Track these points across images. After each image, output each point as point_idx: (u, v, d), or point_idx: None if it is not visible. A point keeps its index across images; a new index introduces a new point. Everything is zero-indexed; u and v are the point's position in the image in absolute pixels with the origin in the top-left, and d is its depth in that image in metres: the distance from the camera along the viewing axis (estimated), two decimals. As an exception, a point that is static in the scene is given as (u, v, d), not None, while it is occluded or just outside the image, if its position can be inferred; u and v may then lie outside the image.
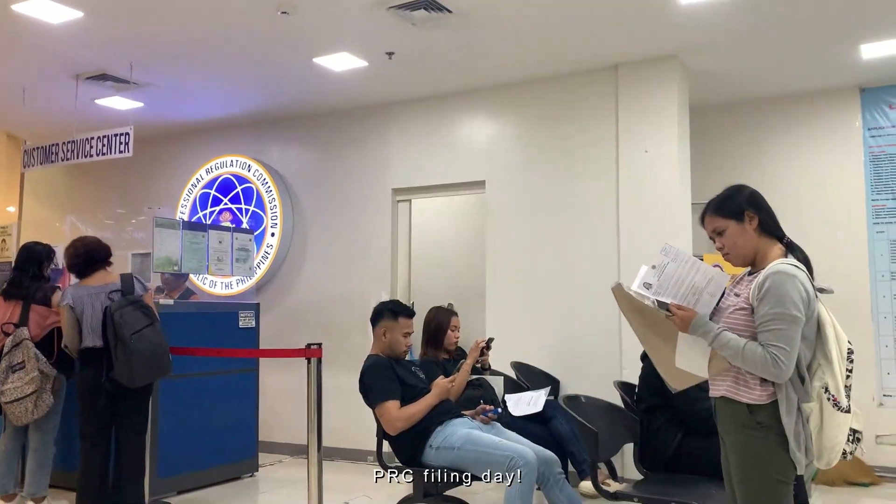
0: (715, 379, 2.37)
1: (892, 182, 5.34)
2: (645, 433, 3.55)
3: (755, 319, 2.25)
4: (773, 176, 5.68)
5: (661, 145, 4.99)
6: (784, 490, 2.26)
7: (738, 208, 2.38)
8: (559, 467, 3.51)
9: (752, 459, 2.26)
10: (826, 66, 5.14)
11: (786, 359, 2.17)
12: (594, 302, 5.10)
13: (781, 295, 2.20)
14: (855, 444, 2.30)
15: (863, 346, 5.26)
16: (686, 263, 2.36)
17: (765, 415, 2.23)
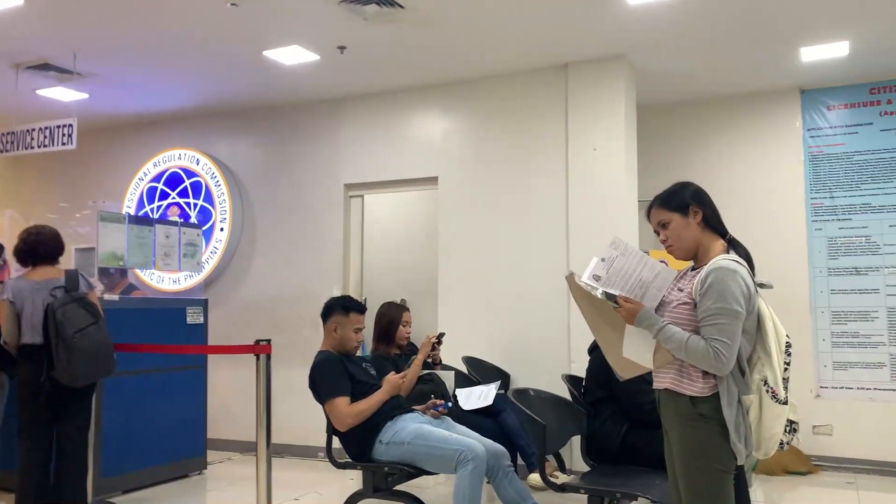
0: (659, 372, 2.43)
1: (830, 181, 5.53)
2: (591, 426, 3.62)
3: (698, 314, 2.31)
4: (717, 174, 5.83)
5: (609, 143, 5.08)
6: (725, 479, 2.33)
7: (684, 202, 2.45)
8: (508, 460, 3.56)
9: (695, 450, 2.32)
10: (768, 68, 5.29)
11: (727, 352, 2.24)
12: (544, 297, 5.17)
13: (723, 290, 2.26)
14: (791, 434, 2.38)
15: (801, 339, 5.47)
16: (634, 258, 2.42)
17: (707, 407, 2.30)
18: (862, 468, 5.22)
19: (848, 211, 5.46)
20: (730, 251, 2.41)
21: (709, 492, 2.32)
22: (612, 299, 2.45)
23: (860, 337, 5.36)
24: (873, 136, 5.41)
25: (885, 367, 5.27)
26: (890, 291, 5.29)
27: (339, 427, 3.50)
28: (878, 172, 5.39)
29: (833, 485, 4.94)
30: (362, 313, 3.78)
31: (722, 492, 2.32)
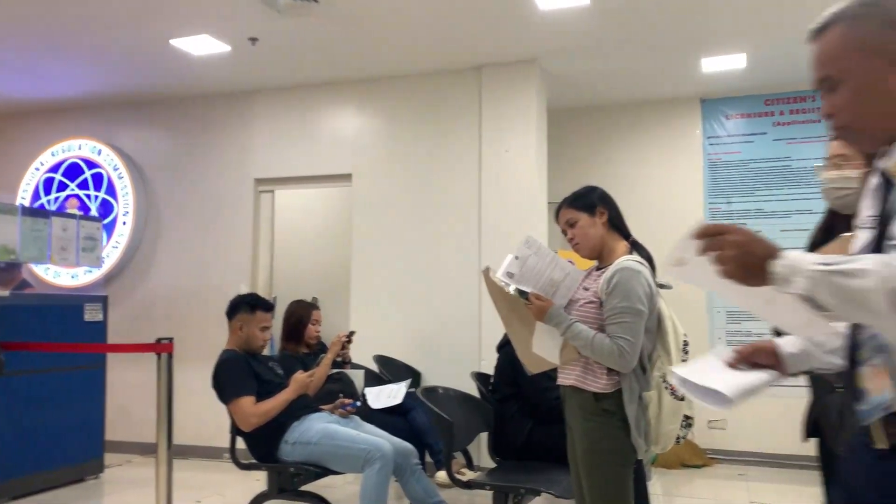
0: (564, 368, 2.51)
1: (727, 187, 5.81)
2: (499, 422, 3.68)
3: (604, 312, 2.39)
4: (623, 178, 6.03)
5: (521, 146, 5.17)
6: (625, 473, 2.42)
7: (591, 203, 2.56)
8: (416, 458, 3.58)
9: (596, 444, 2.40)
10: (671, 77, 5.51)
11: (631, 350, 2.33)
12: (457, 296, 5.22)
13: (628, 290, 2.36)
14: (687, 429, 2.50)
15: (698, 338, 5.66)
16: (546, 258, 2.49)
17: (610, 403, 2.38)
18: (752, 460, 5.51)
19: (743, 216, 5.75)
20: (633, 252, 2.51)
21: (609, 485, 2.41)
22: (524, 296, 2.52)
23: (753, 336, 5.65)
24: (767, 146, 5.72)
25: (774, 364, 5.57)
26: (780, 292, 5.60)
27: (243, 427, 3.43)
28: (771, 180, 5.69)
29: (725, 476, 5.20)
30: (269, 311, 3.72)
31: (622, 485, 2.41)
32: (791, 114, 5.67)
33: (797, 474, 5.23)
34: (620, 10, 4.32)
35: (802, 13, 4.35)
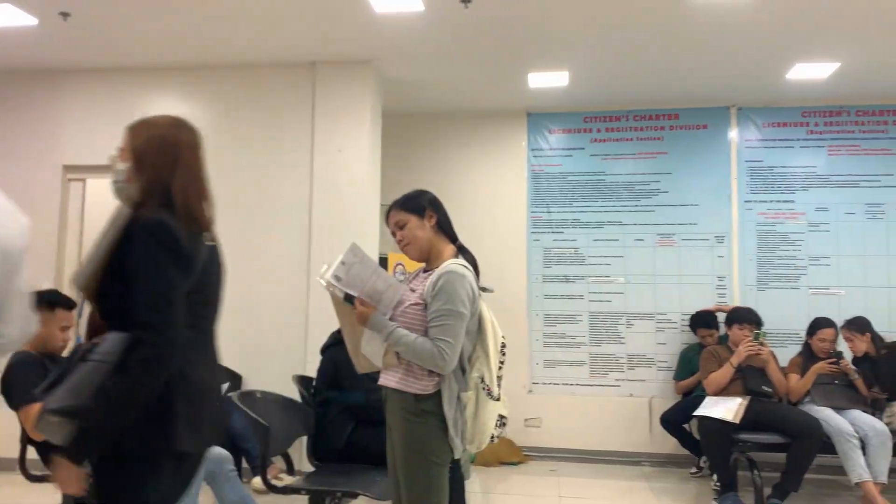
0: (387, 371, 2.52)
1: (548, 197, 6.12)
2: (319, 425, 3.63)
3: (428, 314, 2.43)
4: (453, 184, 6.19)
5: (355, 147, 5.15)
6: (441, 472, 2.46)
7: (421, 206, 2.59)
8: (231, 464, 3.44)
9: (415, 445, 2.43)
10: (501, 89, 5.72)
11: (451, 352, 2.38)
12: (284, 297, 5.09)
13: (452, 293, 2.40)
14: (501, 428, 2.59)
15: (519, 340, 5.98)
16: (369, 268, 2.50)
17: (430, 404, 2.42)
18: (564, 456, 5.84)
19: (561, 225, 6.08)
20: (459, 256, 2.57)
21: (425, 484, 2.44)
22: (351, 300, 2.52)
23: (566, 338, 5.99)
24: (584, 160, 6.10)
25: (585, 364, 5.95)
26: (592, 298, 5.99)
27: (34, 436, 3.13)
28: (586, 192, 6.07)
29: (539, 473, 5.46)
30: (71, 309, 3.42)
31: (437, 483, 2.45)
32: (606, 131, 6.09)
33: (603, 468, 5.61)
34: (453, 20, 4.42)
35: (620, 36, 4.68)
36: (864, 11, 4.22)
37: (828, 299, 5.67)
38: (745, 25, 4.42)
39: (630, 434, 5.82)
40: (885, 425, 4.43)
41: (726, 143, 5.95)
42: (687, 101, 5.89)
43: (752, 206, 5.86)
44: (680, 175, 5.97)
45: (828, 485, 5.05)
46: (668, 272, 5.93)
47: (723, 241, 5.88)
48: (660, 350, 5.87)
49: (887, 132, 5.76)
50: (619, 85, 5.59)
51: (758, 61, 5.03)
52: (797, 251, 5.77)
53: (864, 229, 5.71)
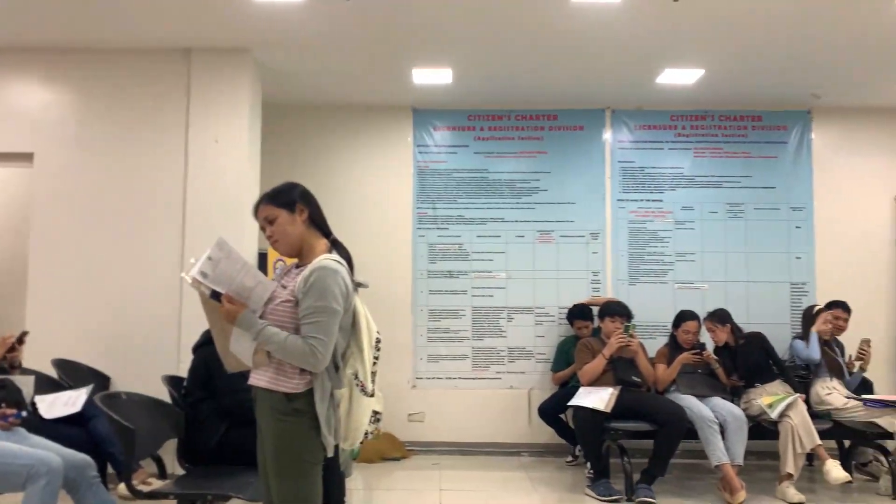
0: (257, 370, 2.45)
1: (433, 193, 6.16)
2: (191, 427, 3.49)
3: (299, 311, 2.37)
4: (338, 178, 6.11)
5: (233, 137, 4.98)
6: (313, 471, 2.42)
7: (291, 200, 2.51)
8: (94, 470, 3.26)
9: (286, 444, 2.38)
10: (386, 84, 5.70)
11: (323, 349, 2.33)
12: (156, 293, 4.86)
13: (324, 289, 2.35)
14: (376, 424, 2.57)
15: (403, 335, 6.00)
16: (237, 264, 2.41)
17: (301, 402, 2.37)
18: (447, 450, 5.90)
19: (446, 221, 6.14)
20: (332, 251, 2.52)
21: (297, 483, 2.39)
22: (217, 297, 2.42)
23: (450, 332, 6.06)
24: (469, 158, 6.18)
25: (468, 358, 6.04)
26: (475, 293, 6.08)
27: None
28: (470, 189, 6.15)
29: (421, 467, 5.50)
30: None
31: (310, 482, 2.41)
32: (490, 130, 6.19)
33: (484, 460, 5.71)
34: (334, 12, 4.36)
35: (501, 37, 4.76)
36: (726, 21, 4.48)
37: (692, 293, 6.01)
38: (619, 31, 4.60)
39: (510, 425, 5.96)
40: (742, 411, 4.74)
41: (601, 144, 6.19)
42: (565, 102, 6.08)
43: (625, 204, 6.13)
44: (558, 174, 6.16)
45: (692, 468, 5.36)
46: (547, 267, 6.10)
47: (597, 237, 6.12)
48: (538, 343, 6.04)
49: (747, 136, 6.17)
50: (502, 85, 5.69)
51: (630, 66, 5.25)
52: (665, 248, 6.09)
53: (726, 227, 6.10)
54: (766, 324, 5.61)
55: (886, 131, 6.17)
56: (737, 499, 4.39)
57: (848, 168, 6.14)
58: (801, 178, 6.13)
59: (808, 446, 4.53)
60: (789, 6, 4.24)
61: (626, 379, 4.82)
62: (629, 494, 4.52)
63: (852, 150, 6.17)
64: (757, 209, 6.10)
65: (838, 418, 4.84)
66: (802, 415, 4.59)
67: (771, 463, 4.99)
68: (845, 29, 4.54)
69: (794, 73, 5.40)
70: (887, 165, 6.14)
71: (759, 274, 6.04)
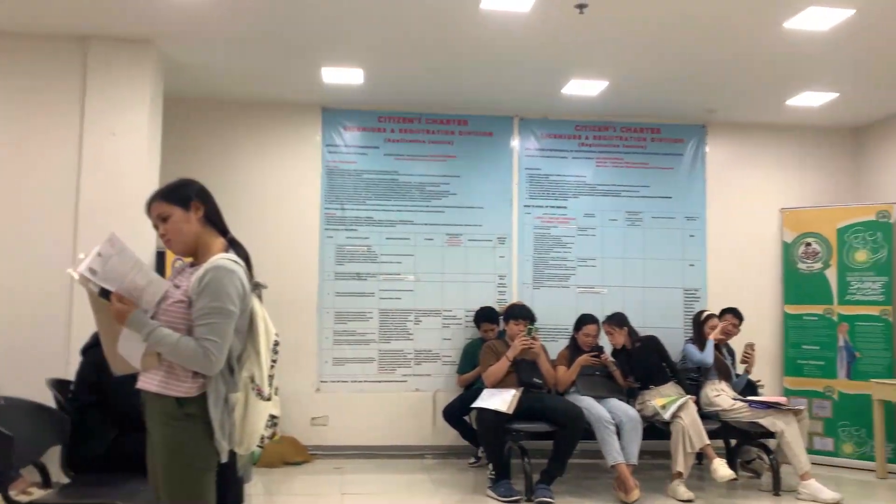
0: (146, 373, 2.35)
1: (342, 194, 6.10)
2: (78, 433, 3.32)
3: (193, 312, 2.29)
4: (244, 175, 5.97)
5: (131, 130, 4.78)
6: (206, 477, 2.34)
7: (186, 197, 2.43)
8: (-33, 481, 3.05)
9: (177, 450, 2.29)
10: (295, 81, 5.61)
11: (217, 352, 2.26)
12: (43, 291, 4.60)
13: (219, 290, 2.28)
14: (272, 428, 2.51)
15: (308, 338, 5.92)
16: (129, 261, 2.31)
17: (194, 406, 2.28)
18: (350, 454, 5.85)
19: (355, 222, 6.09)
20: (229, 250, 2.45)
21: (189, 490, 2.31)
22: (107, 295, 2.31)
23: (357, 335, 6.02)
24: (379, 159, 6.16)
25: (374, 361, 6.02)
26: (383, 295, 6.06)
27: None
28: (380, 191, 6.14)
29: (324, 471, 5.43)
30: None
31: (201, 489, 2.33)
32: (400, 132, 6.19)
33: (388, 463, 5.70)
34: (241, 5, 4.26)
35: (413, 40, 4.77)
36: (628, 36, 4.65)
37: (593, 297, 6.20)
38: (527, 41, 4.70)
39: (414, 428, 5.98)
40: (637, 412, 4.93)
41: (509, 150, 6.30)
42: (475, 108, 6.16)
43: (531, 210, 6.27)
44: (467, 178, 6.23)
45: (589, 468, 5.52)
46: (455, 270, 6.16)
47: (504, 242, 6.22)
48: (445, 345, 6.08)
49: (646, 148, 6.42)
50: (413, 87, 5.71)
51: (538, 75, 5.37)
52: (568, 253, 6.26)
53: (625, 234, 6.33)
54: (660, 327, 5.87)
55: (774, 147, 6.55)
56: (631, 497, 4.55)
57: (739, 180, 6.49)
58: (695, 189, 6.44)
59: (697, 446, 4.74)
60: (687, 25, 4.44)
61: (528, 381, 4.92)
62: (529, 495, 4.61)
63: (743, 164, 6.52)
64: (654, 218, 6.36)
65: (725, 419, 5.10)
66: (693, 416, 4.81)
67: (663, 462, 5.20)
68: (738, 49, 4.80)
69: (691, 90, 5.66)
70: (775, 179, 6.52)
71: (655, 280, 6.30)
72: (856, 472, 5.66)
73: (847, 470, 5.73)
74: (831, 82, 5.44)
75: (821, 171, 6.57)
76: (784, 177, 6.53)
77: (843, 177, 6.58)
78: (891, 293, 5.86)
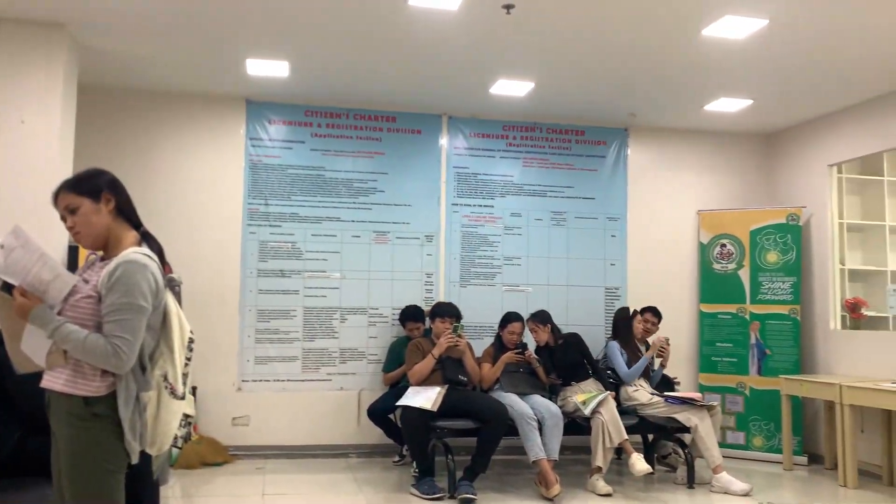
0: (51, 372, 2.25)
1: (265, 188, 5.98)
2: (-23, 436, 3.15)
3: (102, 308, 2.20)
4: (163, 171, 5.79)
5: (42, 119, 4.55)
6: (114, 480, 2.25)
7: (97, 188, 2.34)
8: None
9: (84, 452, 2.20)
10: (218, 73, 5.46)
11: (128, 349, 2.17)
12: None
13: (131, 285, 2.19)
14: (186, 427, 2.44)
15: (229, 336, 5.78)
16: (34, 254, 2.20)
17: (102, 406, 2.20)
18: (272, 453, 5.75)
19: (279, 218, 5.99)
20: (142, 244, 2.37)
21: (96, 493, 2.22)
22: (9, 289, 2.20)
23: (280, 333, 5.92)
24: (305, 154, 6.07)
25: (298, 360, 5.92)
26: (307, 293, 5.98)
27: None
28: (306, 187, 6.05)
29: (245, 472, 5.31)
30: None
31: (110, 492, 2.25)
32: (327, 127, 6.12)
33: (311, 463, 5.63)
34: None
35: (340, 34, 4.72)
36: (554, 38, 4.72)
37: (518, 296, 6.28)
38: (455, 39, 4.71)
39: (339, 427, 5.92)
40: (558, 408, 5.01)
41: (437, 148, 6.31)
42: (404, 105, 6.14)
43: (458, 208, 6.29)
44: (395, 176, 6.20)
45: (512, 464, 5.59)
46: (382, 268, 6.13)
47: (432, 240, 6.23)
48: (371, 344, 6.04)
49: (570, 150, 6.54)
50: (341, 82, 5.64)
51: (466, 74, 5.40)
52: (494, 252, 6.32)
53: (550, 234, 6.43)
54: (582, 325, 6.01)
55: (693, 151, 6.78)
56: (552, 492, 4.63)
57: (658, 183, 6.69)
58: (617, 190, 6.60)
59: (616, 441, 4.86)
60: (609, 30, 4.54)
61: (453, 378, 4.94)
62: (452, 491, 4.63)
63: (663, 167, 6.73)
64: (578, 218, 6.49)
65: (643, 413, 5.25)
66: (612, 411, 4.93)
67: (583, 457, 5.31)
68: (658, 55, 4.94)
69: (613, 93, 5.80)
70: (692, 182, 6.75)
71: (578, 278, 6.43)
72: (764, 465, 5.91)
73: (757, 462, 5.98)
74: (746, 89, 5.67)
75: (736, 175, 6.84)
76: (701, 180, 6.77)
77: (756, 181, 6.87)
78: (799, 293, 6.15)
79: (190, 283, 5.66)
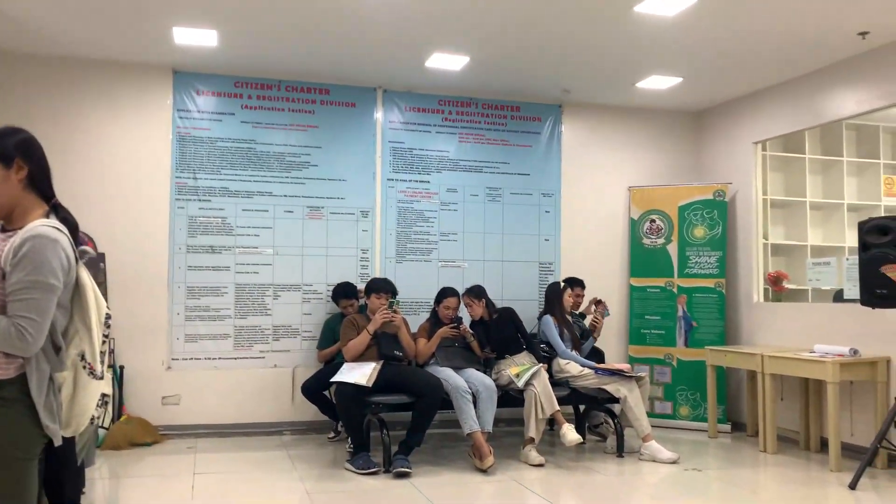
0: None
1: (194, 162, 5.80)
2: None
3: (7, 287, 2.05)
4: (86, 142, 5.54)
5: (-51, 85, 4.31)
6: (27, 467, 2.11)
7: (9, 153, 2.11)
8: None
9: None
10: (143, 41, 5.24)
11: (35, 330, 2.03)
12: None
13: (40, 262, 2.04)
14: (103, 407, 2.34)
15: (158, 314, 5.62)
16: None
17: (12, 390, 2.05)
18: (204, 432, 5.65)
19: (209, 193, 5.82)
20: (50, 215, 2.21)
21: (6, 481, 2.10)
22: None
23: (211, 311, 5.78)
24: (235, 126, 5.90)
25: (230, 337, 5.81)
26: (239, 269, 5.85)
27: None
28: (236, 160, 5.89)
29: (175, 451, 5.20)
30: None
31: (22, 480, 2.11)
32: (258, 99, 5.96)
33: (244, 441, 5.55)
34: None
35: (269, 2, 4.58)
36: (487, 11, 4.70)
37: (454, 271, 6.30)
38: (388, 10, 4.63)
39: (272, 405, 5.85)
40: (493, 381, 5.06)
41: (372, 122, 6.23)
42: (338, 77, 6.03)
43: (394, 184, 6.24)
44: (330, 150, 6.10)
45: (447, 437, 5.64)
46: (317, 244, 6.05)
47: (367, 215, 6.17)
48: (305, 320, 5.97)
49: (506, 126, 6.56)
50: (272, 53, 5.49)
51: (401, 47, 5.32)
52: (430, 227, 6.31)
53: (485, 210, 6.45)
54: (517, 300, 6.08)
55: (624, 128, 6.88)
56: (485, 464, 4.69)
57: (591, 159, 6.77)
58: (551, 166, 6.66)
59: (548, 412, 4.95)
60: (541, 4, 4.54)
61: (388, 353, 4.93)
62: (387, 466, 4.64)
63: (595, 144, 6.81)
64: (513, 194, 6.53)
65: (574, 385, 5.35)
66: (544, 383, 5.01)
67: (517, 429, 5.39)
68: (590, 30, 4.97)
69: (548, 70, 5.82)
70: (624, 159, 6.86)
71: (513, 254, 6.48)
72: (691, 433, 6.12)
73: (684, 431, 6.19)
74: (676, 67, 5.77)
75: (666, 151, 6.98)
76: (633, 157, 6.88)
77: (685, 157, 7.03)
78: (724, 267, 6.35)
79: (116, 260, 5.49)
